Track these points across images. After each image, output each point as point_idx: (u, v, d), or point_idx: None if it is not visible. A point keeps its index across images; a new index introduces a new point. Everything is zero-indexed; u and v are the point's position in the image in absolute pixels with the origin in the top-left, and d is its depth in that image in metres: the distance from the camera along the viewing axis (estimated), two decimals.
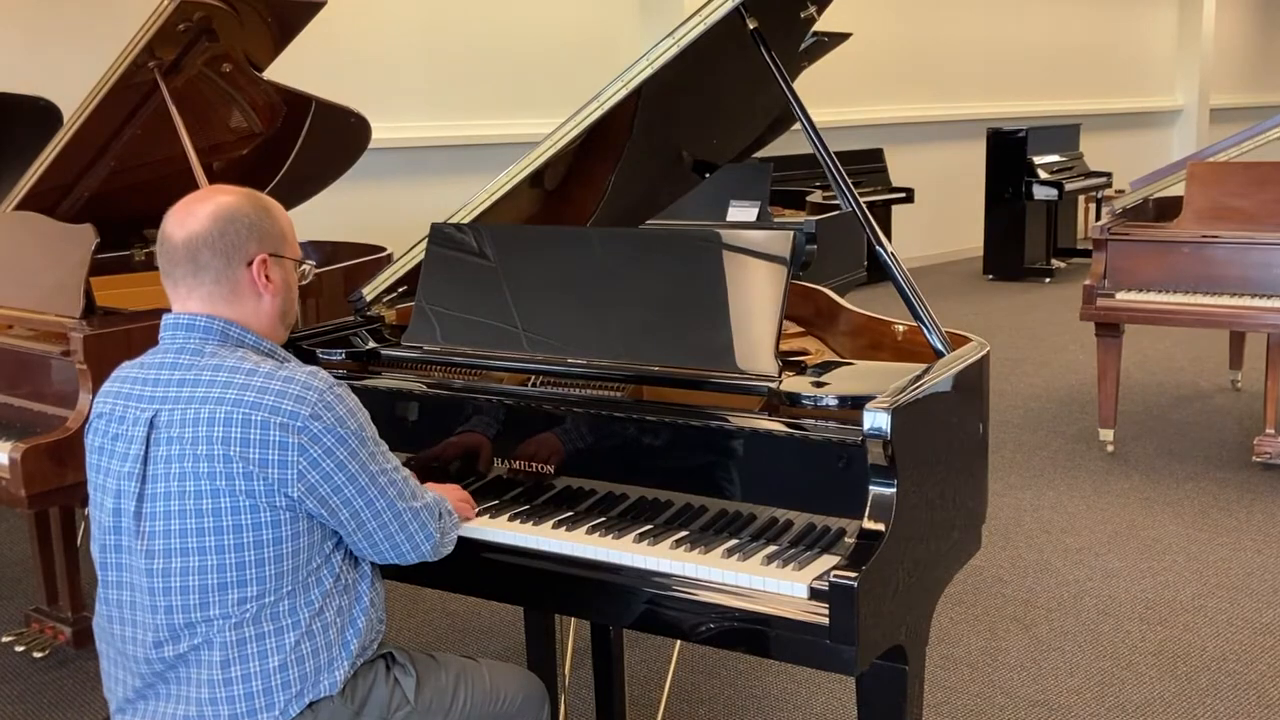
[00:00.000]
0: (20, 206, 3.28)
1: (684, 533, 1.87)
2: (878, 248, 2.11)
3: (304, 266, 1.83)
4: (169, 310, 1.74)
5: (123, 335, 2.86)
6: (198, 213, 1.69)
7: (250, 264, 1.70)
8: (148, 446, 1.62)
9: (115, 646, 1.70)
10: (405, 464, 1.78)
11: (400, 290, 2.49)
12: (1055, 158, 9.21)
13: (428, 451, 2.12)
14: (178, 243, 1.69)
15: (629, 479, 1.96)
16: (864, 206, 2.16)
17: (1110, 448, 4.81)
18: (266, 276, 1.72)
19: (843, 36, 4.78)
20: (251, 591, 1.60)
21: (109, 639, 1.70)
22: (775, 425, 1.84)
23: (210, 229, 1.68)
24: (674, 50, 2.19)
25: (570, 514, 1.96)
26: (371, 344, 2.34)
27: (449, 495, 1.89)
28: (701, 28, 2.16)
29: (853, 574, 1.61)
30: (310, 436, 1.58)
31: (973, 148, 9.54)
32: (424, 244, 2.31)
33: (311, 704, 1.64)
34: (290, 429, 1.58)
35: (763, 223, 5.29)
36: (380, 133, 4.20)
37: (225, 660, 1.61)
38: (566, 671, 2.72)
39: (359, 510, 1.64)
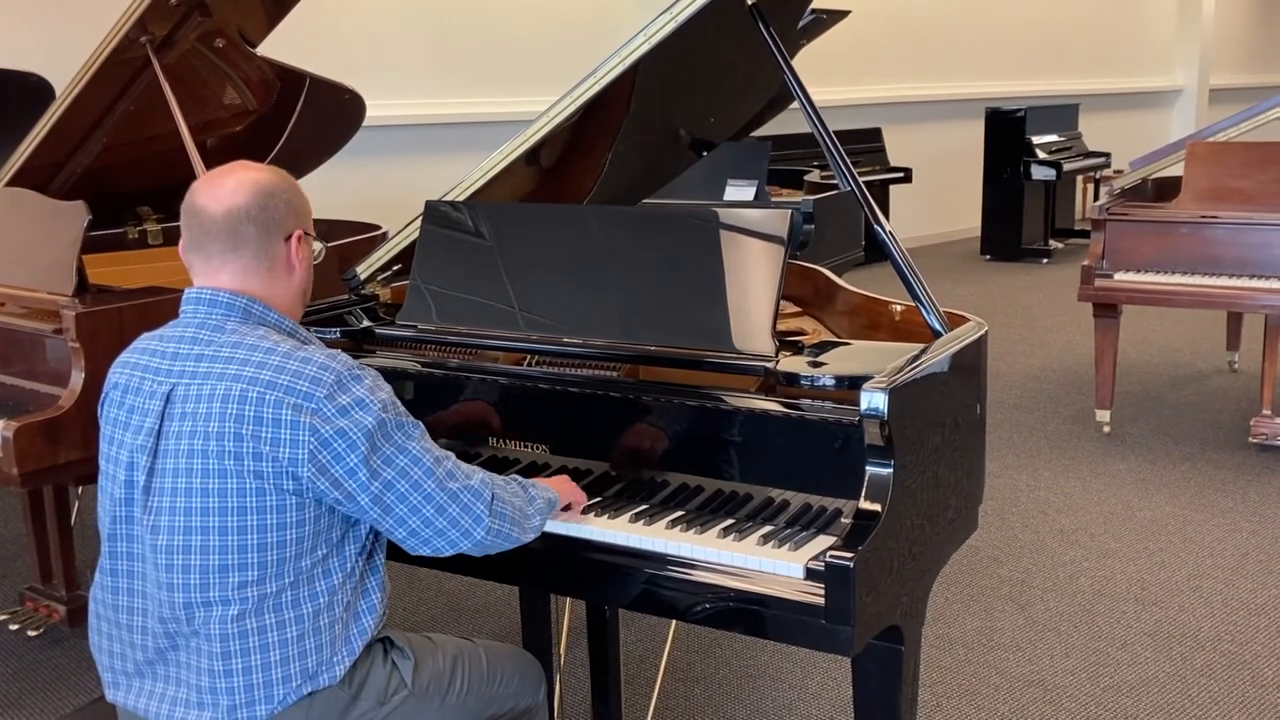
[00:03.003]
0: (12, 183, 3.26)
1: (680, 513, 1.86)
2: (876, 227, 2.10)
3: (315, 245, 1.82)
4: (163, 288, 1.73)
5: (115, 313, 2.84)
6: (235, 185, 1.67)
7: (289, 240, 1.70)
8: (162, 420, 1.61)
9: (112, 619, 1.69)
10: None
11: (395, 269, 2.48)
12: (1054, 137, 9.18)
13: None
14: (216, 215, 1.66)
15: (625, 459, 1.95)
16: (862, 186, 2.15)
17: (1107, 428, 4.81)
18: (300, 254, 1.72)
19: (842, 14, 4.73)
20: (251, 576, 1.58)
21: (109, 612, 1.69)
22: (772, 405, 1.83)
23: (253, 203, 1.66)
24: (671, 26, 2.17)
25: None
26: (366, 323, 2.33)
27: (558, 487, 1.85)
28: (699, 3, 2.14)
29: (849, 554, 1.60)
30: (323, 418, 1.56)
31: (971, 127, 9.51)
32: (419, 222, 2.29)
33: (310, 693, 1.63)
34: (304, 410, 1.55)
35: (760, 202, 5.27)
36: (375, 110, 4.18)
37: (226, 651, 1.59)
38: (562, 651, 2.72)
39: (379, 494, 1.59)
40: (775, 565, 1.69)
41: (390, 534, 1.65)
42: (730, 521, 1.82)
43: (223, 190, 1.67)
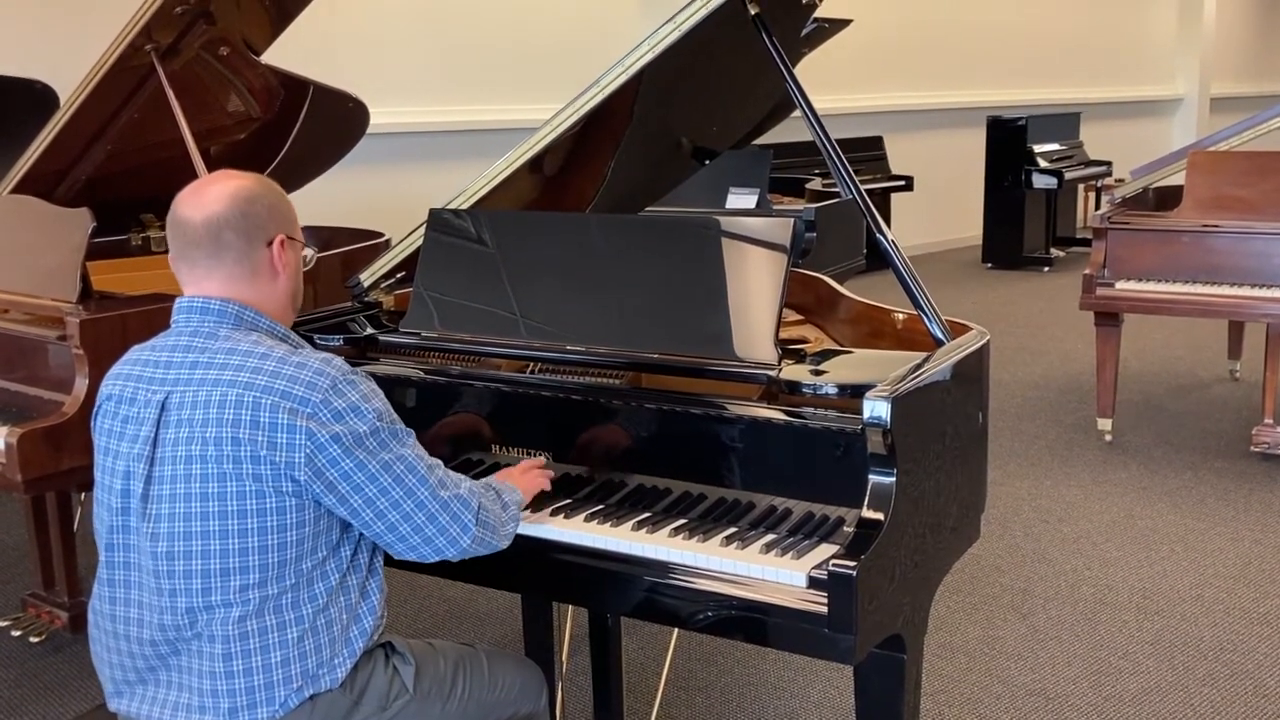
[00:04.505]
0: (17, 190, 3.27)
1: (683, 520, 1.86)
2: (878, 235, 2.10)
3: (306, 251, 1.83)
4: (166, 294, 1.74)
5: (119, 320, 2.84)
6: (215, 194, 1.69)
7: (270, 244, 1.71)
8: (158, 428, 1.62)
9: (111, 630, 1.69)
10: None
11: (398, 276, 2.48)
12: (1055, 146, 9.19)
13: (423, 438, 2.11)
14: (198, 224, 1.68)
15: (627, 466, 1.95)
16: (864, 194, 2.15)
17: (1108, 437, 4.81)
18: (284, 259, 1.73)
19: (844, 23, 4.75)
20: (253, 579, 1.59)
21: (107, 623, 1.70)
22: (774, 413, 1.83)
23: (232, 209, 1.68)
24: (675, 35, 2.17)
25: (568, 501, 1.96)
26: (369, 330, 2.33)
27: (519, 481, 1.86)
28: (703, 13, 2.15)
29: (851, 563, 1.61)
30: (319, 422, 1.57)
31: (973, 136, 9.52)
32: (422, 229, 2.30)
33: (312, 696, 1.63)
34: (299, 414, 1.57)
35: (762, 210, 5.28)
36: (378, 117, 4.19)
37: (227, 653, 1.60)
38: (564, 659, 2.72)
39: (373, 498, 1.61)
40: (778, 574, 1.69)
41: (379, 538, 1.67)
42: (733, 530, 1.82)
43: (203, 199, 1.69)
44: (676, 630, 2.80)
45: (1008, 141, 9.01)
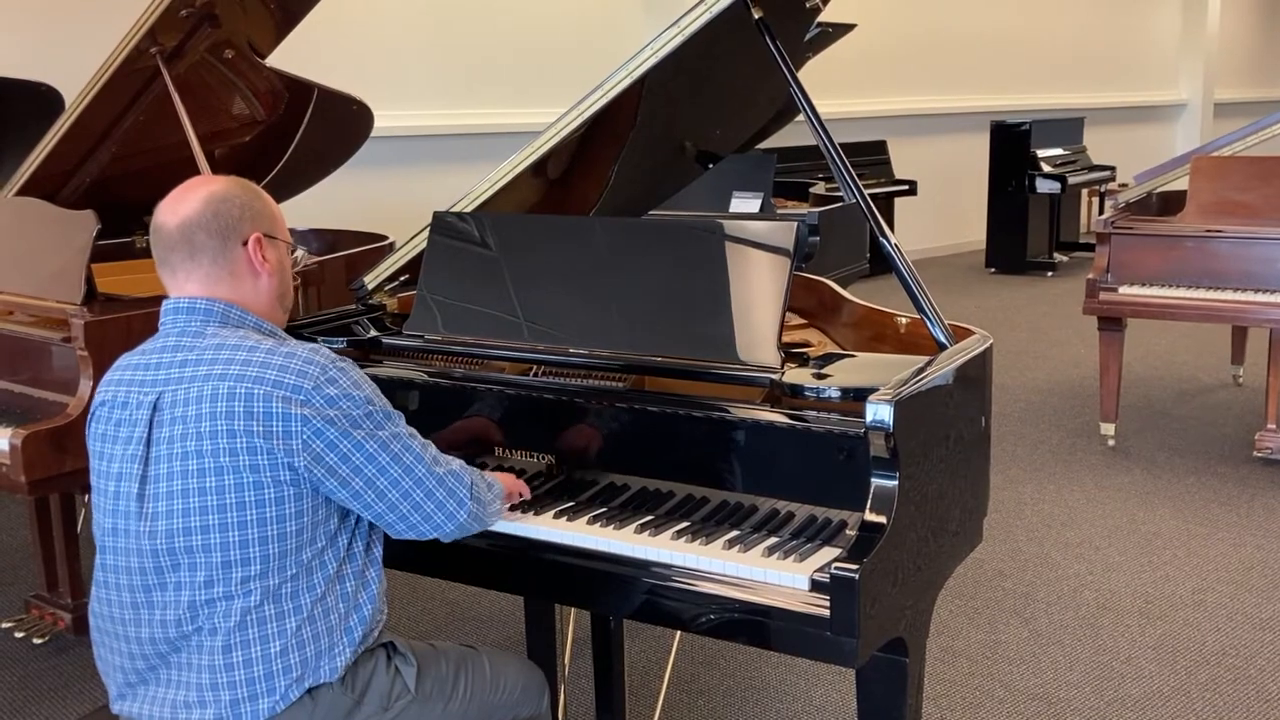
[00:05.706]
0: (22, 192, 3.27)
1: (685, 524, 1.87)
2: (881, 240, 2.11)
3: (297, 253, 1.85)
4: (169, 297, 1.75)
5: (123, 322, 2.85)
6: (189, 199, 1.72)
7: (245, 243, 1.73)
8: (151, 428, 1.63)
9: (111, 631, 1.70)
10: None
11: (402, 279, 2.49)
12: (1059, 151, 9.20)
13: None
14: (172, 228, 1.71)
15: (630, 469, 1.96)
16: (867, 198, 2.15)
17: (1111, 442, 4.81)
18: (263, 256, 1.75)
19: (848, 28, 4.77)
20: (254, 570, 1.60)
21: (107, 624, 1.70)
22: (777, 417, 1.84)
23: (204, 211, 1.70)
24: (678, 40, 2.18)
25: (571, 504, 1.96)
26: (373, 332, 2.34)
27: (504, 482, 1.90)
28: (706, 17, 2.15)
29: (854, 566, 1.61)
30: (313, 408, 1.59)
31: (976, 140, 9.52)
32: (426, 232, 2.30)
33: (311, 691, 1.64)
34: (293, 402, 1.59)
35: (766, 214, 5.28)
36: (383, 121, 4.19)
37: (227, 645, 1.61)
38: (566, 661, 2.72)
39: (373, 478, 1.63)
40: (780, 577, 1.69)
41: (379, 518, 1.69)
42: (735, 533, 1.82)
43: (178, 204, 1.72)
44: (679, 633, 2.80)
45: (1011, 146, 9.01)
